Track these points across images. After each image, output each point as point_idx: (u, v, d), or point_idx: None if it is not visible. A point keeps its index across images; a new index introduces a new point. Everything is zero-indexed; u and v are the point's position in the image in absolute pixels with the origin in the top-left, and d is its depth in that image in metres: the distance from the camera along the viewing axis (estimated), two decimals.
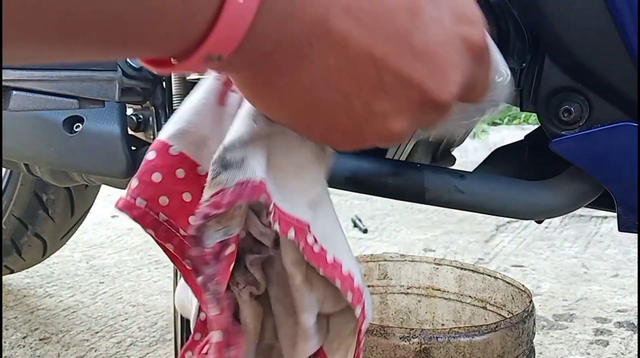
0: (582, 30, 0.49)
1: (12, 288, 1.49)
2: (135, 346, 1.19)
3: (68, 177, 0.89)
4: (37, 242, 1.31)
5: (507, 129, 3.20)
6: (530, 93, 0.53)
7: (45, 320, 1.31)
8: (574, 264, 1.60)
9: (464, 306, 0.77)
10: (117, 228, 2.02)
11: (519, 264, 1.61)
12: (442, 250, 1.74)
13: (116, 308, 1.37)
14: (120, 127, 0.75)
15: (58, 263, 1.65)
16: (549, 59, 0.51)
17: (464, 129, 0.80)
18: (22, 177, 1.26)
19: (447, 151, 0.81)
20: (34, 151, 0.81)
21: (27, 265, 1.39)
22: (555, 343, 1.18)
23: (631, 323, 1.25)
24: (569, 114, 0.51)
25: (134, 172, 0.40)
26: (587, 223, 1.93)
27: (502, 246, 1.76)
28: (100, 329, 1.26)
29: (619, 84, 0.49)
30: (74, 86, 0.61)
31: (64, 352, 1.17)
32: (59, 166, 0.82)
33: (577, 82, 0.50)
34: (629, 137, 0.48)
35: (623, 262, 1.60)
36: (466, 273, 0.76)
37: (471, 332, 0.59)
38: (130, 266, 1.65)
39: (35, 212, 1.27)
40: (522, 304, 0.69)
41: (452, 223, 1.96)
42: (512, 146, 0.69)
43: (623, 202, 0.50)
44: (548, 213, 0.56)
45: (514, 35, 0.52)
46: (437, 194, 0.57)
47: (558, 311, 1.32)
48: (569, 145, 0.51)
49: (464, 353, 0.59)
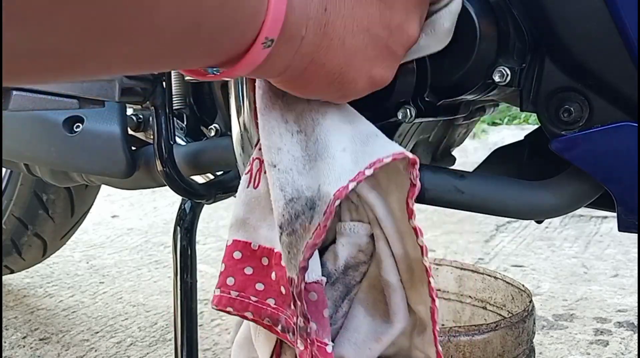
0: (583, 30, 0.49)
1: (12, 288, 1.49)
2: (135, 346, 1.19)
3: (68, 177, 0.89)
4: (37, 242, 1.31)
5: (507, 129, 3.20)
6: (530, 93, 0.53)
7: (45, 320, 1.31)
8: (574, 264, 1.60)
9: (464, 307, 0.77)
10: (117, 228, 2.02)
11: (519, 264, 1.61)
12: (442, 250, 1.74)
13: (116, 308, 1.37)
14: (120, 127, 0.75)
15: (58, 263, 1.65)
16: (549, 59, 0.51)
17: (464, 129, 0.80)
18: (22, 177, 1.26)
19: (447, 151, 0.81)
20: (34, 151, 0.81)
21: (27, 265, 1.39)
22: (555, 343, 1.18)
23: (631, 323, 1.25)
24: (569, 114, 0.51)
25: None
26: (587, 223, 1.93)
27: (502, 246, 1.76)
28: (100, 329, 1.26)
29: (619, 84, 0.49)
30: (74, 86, 0.61)
31: (64, 352, 1.17)
32: (59, 166, 0.82)
33: (577, 82, 0.50)
34: (629, 137, 0.48)
35: (623, 262, 1.60)
36: (466, 273, 0.76)
37: (471, 331, 0.59)
38: (130, 266, 1.65)
39: (35, 212, 1.27)
40: (522, 304, 0.69)
41: (452, 223, 1.96)
42: (512, 146, 0.69)
43: (623, 202, 0.50)
44: (548, 213, 0.56)
45: (514, 35, 0.52)
46: (437, 194, 0.57)
47: (558, 311, 1.32)
48: (569, 145, 0.51)
49: (464, 352, 0.59)
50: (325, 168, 0.41)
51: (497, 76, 0.52)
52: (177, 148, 0.73)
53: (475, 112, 0.71)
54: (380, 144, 0.43)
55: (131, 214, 2.20)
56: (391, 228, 0.45)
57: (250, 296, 0.46)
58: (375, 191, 0.45)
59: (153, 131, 0.71)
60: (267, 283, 0.46)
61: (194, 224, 0.80)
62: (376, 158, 0.41)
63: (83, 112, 0.76)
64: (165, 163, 0.71)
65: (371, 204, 0.45)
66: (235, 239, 0.47)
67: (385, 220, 0.45)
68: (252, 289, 0.46)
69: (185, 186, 0.73)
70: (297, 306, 0.42)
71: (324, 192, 0.41)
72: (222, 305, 0.47)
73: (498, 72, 0.52)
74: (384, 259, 0.46)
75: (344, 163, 0.41)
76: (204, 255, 1.72)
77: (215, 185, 0.78)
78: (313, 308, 0.44)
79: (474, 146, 2.80)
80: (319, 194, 0.41)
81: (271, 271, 0.46)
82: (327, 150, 0.42)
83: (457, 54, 0.52)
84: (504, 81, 0.52)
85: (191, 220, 0.80)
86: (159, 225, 2.06)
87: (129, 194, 2.37)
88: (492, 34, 0.52)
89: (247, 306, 0.46)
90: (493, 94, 0.56)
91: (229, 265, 0.47)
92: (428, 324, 0.45)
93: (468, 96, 0.54)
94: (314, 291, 0.44)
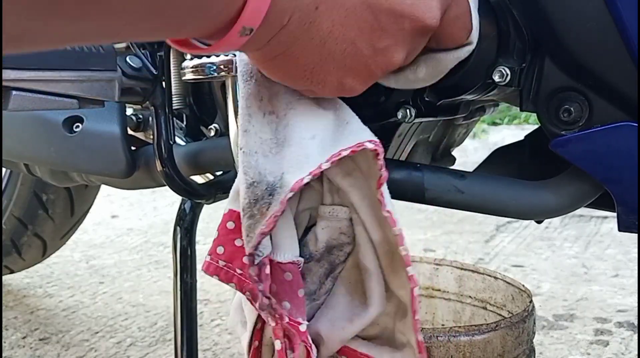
0: (582, 30, 0.49)
1: (12, 288, 1.49)
2: (135, 346, 1.19)
3: (68, 177, 0.89)
4: (37, 242, 1.31)
5: (507, 129, 3.20)
6: (530, 93, 0.53)
7: (45, 320, 1.31)
8: (574, 264, 1.60)
9: (464, 307, 0.77)
10: (117, 228, 2.02)
11: (519, 264, 1.61)
12: (442, 250, 1.74)
13: (116, 308, 1.37)
14: (120, 127, 0.75)
15: (58, 263, 1.65)
16: (549, 59, 0.51)
17: (464, 129, 0.80)
18: (22, 177, 1.26)
19: (447, 151, 0.81)
20: (34, 151, 0.81)
21: (27, 265, 1.39)
22: (555, 343, 1.18)
23: (631, 324, 1.25)
24: (569, 114, 0.51)
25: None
26: (587, 223, 1.93)
27: (502, 246, 1.76)
28: (100, 329, 1.26)
29: (619, 84, 0.49)
30: (74, 86, 0.60)
31: (64, 352, 1.17)
32: (59, 166, 0.82)
33: (577, 82, 0.50)
34: (629, 137, 0.48)
35: (623, 262, 1.60)
36: (466, 273, 0.76)
37: (471, 331, 0.59)
38: (130, 266, 1.65)
39: (35, 212, 1.27)
40: (522, 304, 0.69)
41: (452, 223, 1.96)
42: (512, 146, 0.69)
43: (623, 202, 0.50)
44: (548, 213, 0.56)
45: (514, 35, 0.52)
46: (437, 194, 0.57)
47: (558, 311, 1.32)
48: (569, 145, 0.51)
49: (464, 352, 0.59)
50: (290, 155, 0.42)
51: (497, 75, 0.52)
52: (176, 148, 0.73)
53: (475, 112, 0.71)
54: (352, 131, 0.43)
55: (131, 214, 2.20)
56: (368, 214, 0.46)
57: (236, 269, 0.47)
58: (351, 177, 0.45)
59: (153, 131, 0.71)
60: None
61: (194, 224, 0.80)
62: (339, 149, 0.41)
63: (83, 112, 0.76)
64: (165, 163, 0.71)
65: (346, 191, 0.46)
66: (231, 209, 0.48)
67: (360, 206, 0.46)
68: (239, 261, 0.47)
69: (185, 186, 0.73)
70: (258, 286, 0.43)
71: (285, 180, 0.41)
72: (210, 271, 0.48)
73: (498, 72, 0.52)
74: (362, 244, 0.47)
75: (309, 152, 0.42)
76: (204, 255, 1.71)
77: (215, 185, 0.78)
78: (287, 287, 0.45)
79: (474, 146, 2.80)
80: (280, 181, 0.41)
81: None
82: (295, 136, 0.42)
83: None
84: (504, 81, 0.52)
85: (191, 220, 0.80)
86: (158, 225, 2.06)
87: (128, 194, 2.37)
88: (492, 34, 0.52)
89: (232, 278, 0.47)
90: (493, 94, 0.56)
91: (222, 234, 0.48)
92: (409, 310, 0.45)
93: (468, 96, 0.54)
94: (289, 271, 0.45)
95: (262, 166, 0.42)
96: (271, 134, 0.43)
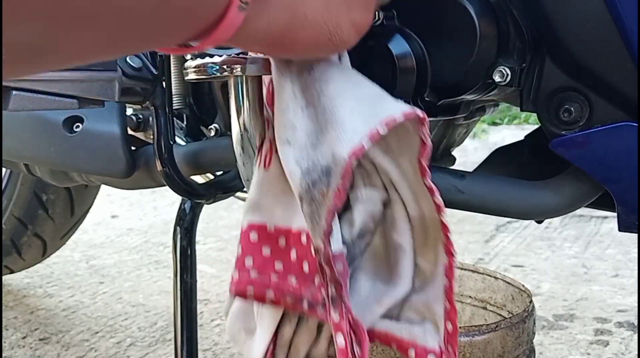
0: (583, 30, 0.49)
1: (12, 288, 1.49)
2: (135, 346, 1.19)
3: (68, 177, 0.89)
4: (37, 242, 1.31)
5: (507, 129, 3.21)
6: (530, 93, 0.53)
7: (45, 320, 1.31)
8: (574, 264, 1.60)
9: (464, 307, 0.77)
10: (117, 228, 2.02)
11: (519, 264, 1.61)
12: None
13: (116, 308, 1.37)
14: (120, 127, 0.75)
15: (58, 263, 1.65)
16: (549, 59, 0.51)
17: (464, 129, 0.80)
18: (22, 177, 1.26)
19: (447, 151, 0.81)
20: (34, 151, 0.81)
21: (27, 265, 1.39)
22: (555, 343, 1.18)
23: (631, 324, 1.25)
24: (569, 114, 0.51)
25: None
26: (587, 223, 1.93)
27: (502, 246, 1.76)
28: (100, 329, 1.26)
29: (619, 84, 0.49)
30: (74, 86, 0.60)
31: (64, 352, 1.17)
32: (59, 166, 0.82)
33: (578, 82, 0.50)
34: (629, 137, 0.48)
35: (623, 262, 1.60)
36: (466, 273, 0.76)
37: (471, 332, 0.59)
38: (130, 266, 1.65)
39: (35, 212, 1.27)
40: (522, 304, 0.69)
41: (452, 223, 1.94)
42: (512, 146, 0.69)
43: (623, 202, 0.50)
44: (548, 213, 0.56)
45: (514, 35, 0.52)
46: None
47: (558, 311, 1.32)
48: (569, 145, 0.51)
49: (464, 352, 0.59)
50: (335, 134, 0.41)
51: (497, 75, 0.52)
52: (177, 148, 0.73)
53: (475, 112, 0.71)
54: (388, 103, 0.43)
55: (131, 214, 2.20)
56: (407, 189, 0.45)
57: (270, 275, 0.46)
58: (387, 156, 0.45)
59: (153, 131, 0.71)
60: (287, 262, 0.46)
61: (194, 224, 0.80)
62: (389, 116, 0.41)
63: (83, 112, 0.76)
64: (165, 163, 0.71)
65: (386, 169, 0.45)
66: (251, 222, 0.47)
67: (400, 183, 0.45)
68: (271, 268, 0.46)
69: (185, 186, 0.73)
70: (327, 275, 0.42)
71: (337, 156, 0.41)
72: (243, 285, 0.47)
73: (498, 72, 0.52)
74: (400, 222, 0.46)
75: (354, 125, 0.41)
76: (204, 255, 1.72)
77: (215, 185, 0.78)
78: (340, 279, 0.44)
79: (474, 146, 2.80)
80: (333, 160, 0.41)
81: (290, 252, 0.46)
82: (335, 116, 0.42)
83: (457, 54, 0.52)
84: (504, 81, 0.52)
85: (191, 220, 0.80)
86: (158, 225, 2.06)
87: (128, 194, 2.37)
88: (492, 34, 0.52)
89: (268, 285, 0.46)
90: (493, 94, 0.56)
91: (246, 247, 0.47)
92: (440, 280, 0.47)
93: (468, 96, 0.54)
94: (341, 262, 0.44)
95: (313, 155, 0.42)
96: (313, 125, 0.43)
